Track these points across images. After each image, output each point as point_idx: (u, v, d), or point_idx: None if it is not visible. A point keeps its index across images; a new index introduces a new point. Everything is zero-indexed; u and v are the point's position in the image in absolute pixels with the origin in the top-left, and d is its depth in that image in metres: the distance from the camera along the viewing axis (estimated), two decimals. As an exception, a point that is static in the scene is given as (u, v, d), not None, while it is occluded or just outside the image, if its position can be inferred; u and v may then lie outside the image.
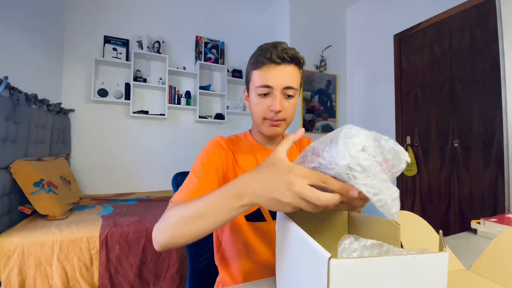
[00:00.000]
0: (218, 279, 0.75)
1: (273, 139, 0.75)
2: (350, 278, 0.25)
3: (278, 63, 0.63)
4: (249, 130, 0.80)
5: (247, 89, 0.72)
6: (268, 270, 0.68)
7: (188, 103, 2.99)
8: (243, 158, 0.72)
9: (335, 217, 0.47)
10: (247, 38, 3.43)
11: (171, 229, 0.46)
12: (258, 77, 0.65)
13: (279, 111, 0.65)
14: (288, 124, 0.70)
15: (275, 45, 0.65)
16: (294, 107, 0.68)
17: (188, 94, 3.02)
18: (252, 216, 0.69)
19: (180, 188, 0.62)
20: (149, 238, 1.55)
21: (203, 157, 0.68)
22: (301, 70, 0.70)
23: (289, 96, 0.66)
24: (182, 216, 0.45)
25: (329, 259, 0.24)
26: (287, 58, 0.63)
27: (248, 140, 0.77)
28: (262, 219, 0.70)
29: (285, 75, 0.64)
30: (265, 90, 0.65)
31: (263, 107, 0.66)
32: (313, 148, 0.37)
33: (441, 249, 0.30)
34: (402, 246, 0.37)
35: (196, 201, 0.45)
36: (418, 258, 0.26)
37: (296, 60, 0.66)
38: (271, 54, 0.63)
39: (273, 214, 0.70)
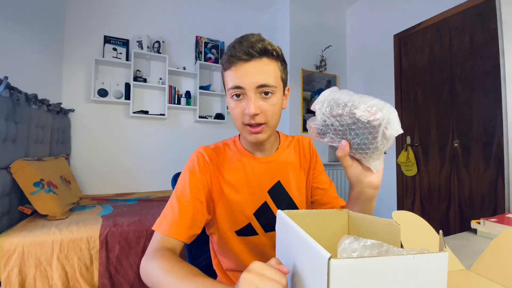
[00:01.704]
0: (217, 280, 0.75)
1: (262, 146, 0.68)
2: (350, 278, 0.25)
3: (246, 60, 0.56)
4: (239, 134, 0.72)
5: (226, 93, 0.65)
6: None
7: (188, 103, 2.99)
8: (230, 171, 0.67)
9: (335, 217, 0.47)
10: (247, 38, 3.44)
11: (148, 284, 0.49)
12: (229, 78, 0.59)
13: (256, 114, 0.57)
14: (273, 127, 0.62)
15: (240, 40, 0.58)
16: (275, 107, 0.60)
17: (188, 94, 3.02)
18: (243, 231, 0.67)
19: (163, 215, 0.59)
20: (149, 238, 1.55)
21: (186, 176, 0.63)
22: (280, 62, 0.61)
23: (267, 94, 0.58)
24: None
25: (329, 259, 0.24)
26: (255, 52, 0.56)
27: (236, 147, 0.70)
28: (254, 233, 0.67)
29: (255, 72, 0.56)
30: (237, 91, 0.58)
31: (239, 111, 0.59)
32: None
33: (441, 249, 0.30)
34: (402, 246, 0.37)
35: (171, 282, 0.44)
36: (418, 258, 0.26)
37: (267, 52, 0.58)
38: (236, 51, 0.56)
39: (265, 228, 0.67)
